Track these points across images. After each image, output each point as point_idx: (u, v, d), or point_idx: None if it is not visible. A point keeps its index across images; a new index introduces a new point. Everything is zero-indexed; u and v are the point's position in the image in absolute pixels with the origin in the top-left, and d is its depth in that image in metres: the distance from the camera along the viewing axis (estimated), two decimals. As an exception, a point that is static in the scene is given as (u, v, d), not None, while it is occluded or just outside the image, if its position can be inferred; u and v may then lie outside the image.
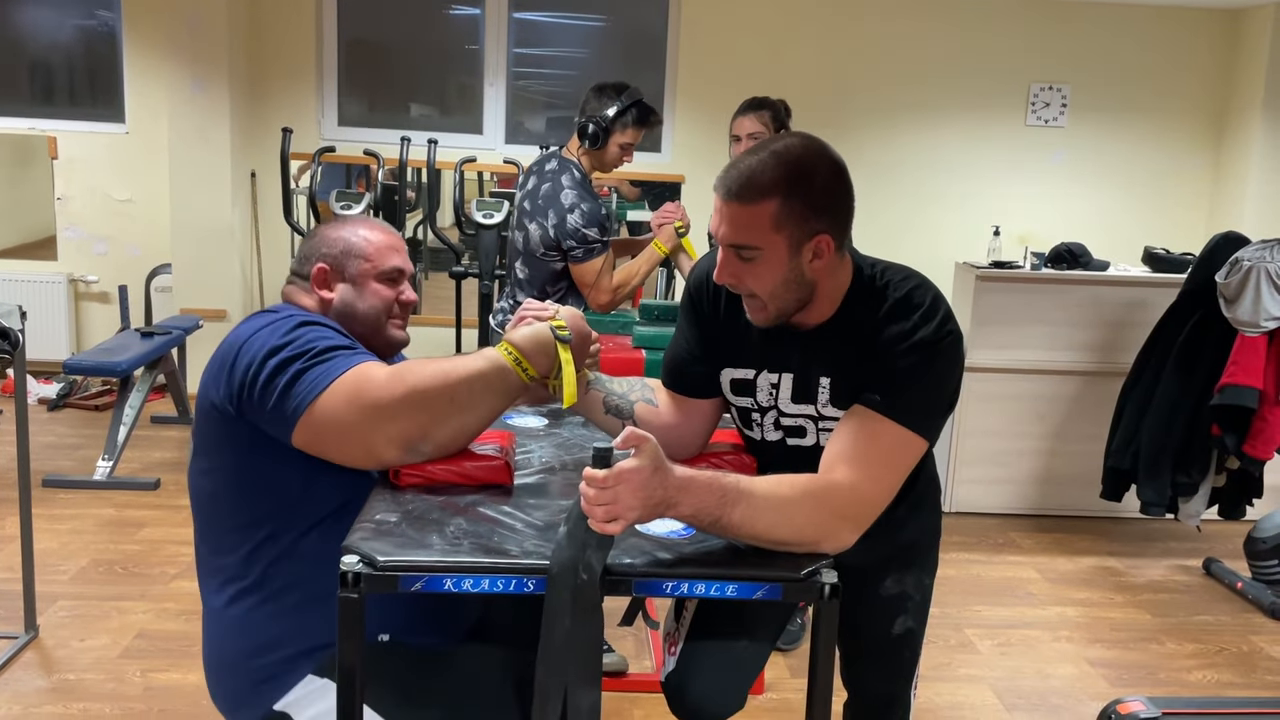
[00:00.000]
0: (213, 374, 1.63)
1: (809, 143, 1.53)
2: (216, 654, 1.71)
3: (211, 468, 1.66)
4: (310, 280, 1.79)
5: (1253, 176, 5.85)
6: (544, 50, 6.15)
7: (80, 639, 3.06)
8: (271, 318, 1.66)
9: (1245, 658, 3.32)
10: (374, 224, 1.86)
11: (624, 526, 1.31)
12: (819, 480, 1.49)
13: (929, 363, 1.53)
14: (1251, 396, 3.48)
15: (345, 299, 1.78)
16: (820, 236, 1.50)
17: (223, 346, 1.65)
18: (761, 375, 1.66)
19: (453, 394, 1.56)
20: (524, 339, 1.65)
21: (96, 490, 4.28)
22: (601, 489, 1.30)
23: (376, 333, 1.80)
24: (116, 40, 5.79)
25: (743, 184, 1.49)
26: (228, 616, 1.66)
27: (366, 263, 1.79)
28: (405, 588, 1.32)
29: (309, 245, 1.83)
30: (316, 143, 5.73)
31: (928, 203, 5.94)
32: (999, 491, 4.50)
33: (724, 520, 1.38)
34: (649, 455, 1.32)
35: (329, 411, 1.51)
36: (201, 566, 1.72)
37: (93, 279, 5.90)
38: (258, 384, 1.55)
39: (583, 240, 2.92)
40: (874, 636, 1.80)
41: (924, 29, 5.91)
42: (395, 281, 1.82)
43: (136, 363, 4.52)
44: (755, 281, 1.53)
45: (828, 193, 1.51)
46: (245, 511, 1.63)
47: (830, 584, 1.35)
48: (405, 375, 1.55)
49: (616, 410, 1.73)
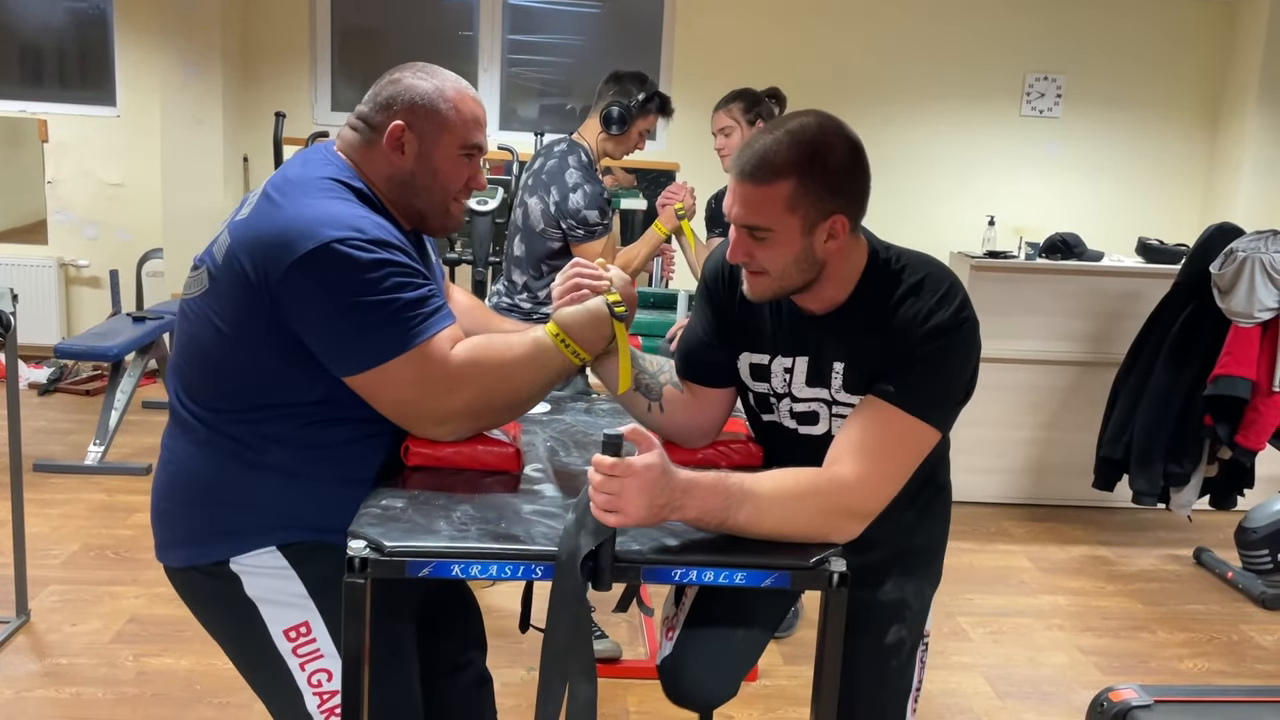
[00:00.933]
0: (257, 238, 1.46)
1: (824, 121, 1.50)
2: (182, 486, 1.59)
3: (219, 317, 1.52)
4: (384, 136, 1.58)
5: (1247, 167, 5.87)
6: (538, 37, 6.12)
7: (72, 624, 3.05)
8: (346, 214, 1.47)
9: (1235, 647, 3.34)
10: (465, 86, 1.64)
11: (624, 523, 1.30)
12: (823, 475, 1.48)
13: (944, 350, 1.51)
14: (1245, 387, 3.50)
15: (416, 170, 1.60)
16: (835, 217, 1.48)
17: (284, 213, 1.47)
18: (776, 360, 1.65)
19: (516, 391, 1.55)
20: (576, 319, 1.58)
21: (88, 475, 4.26)
22: (608, 476, 1.29)
23: (437, 212, 1.65)
24: (107, 23, 5.75)
25: (757, 164, 1.46)
26: (205, 458, 1.56)
27: (451, 133, 1.60)
28: (412, 573, 1.31)
29: (389, 91, 1.60)
30: (310, 127, 5.70)
31: (923, 192, 5.94)
32: (992, 480, 4.51)
33: (730, 522, 1.37)
34: (658, 456, 1.32)
35: (391, 380, 1.47)
36: (184, 395, 1.59)
37: (83, 263, 5.86)
38: (315, 315, 1.44)
39: (583, 222, 2.93)
40: (864, 641, 1.73)
41: (920, 18, 5.90)
42: (472, 158, 1.64)
43: (128, 347, 4.50)
44: (768, 261, 1.51)
45: (843, 173, 1.48)
46: (241, 376, 1.53)
47: (839, 573, 1.35)
48: (473, 371, 1.50)
49: (646, 389, 1.70)
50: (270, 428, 1.53)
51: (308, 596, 1.55)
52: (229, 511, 1.56)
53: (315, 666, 1.57)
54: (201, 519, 1.58)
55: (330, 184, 1.53)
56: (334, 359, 1.47)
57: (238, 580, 1.56)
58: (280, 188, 1.53)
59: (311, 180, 1.53)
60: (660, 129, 5.96)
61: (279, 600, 1.56)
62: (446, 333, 1.51)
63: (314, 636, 1.56)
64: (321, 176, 1.54)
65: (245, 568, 1.55)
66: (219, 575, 1.56)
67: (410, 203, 1.62)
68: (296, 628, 1.56)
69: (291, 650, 1.56)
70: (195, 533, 1.58)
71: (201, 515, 1.58)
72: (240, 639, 1.63)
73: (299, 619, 1.56)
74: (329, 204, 1.49)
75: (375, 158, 1.60)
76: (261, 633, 1.57)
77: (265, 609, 1.56)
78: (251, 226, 1.50)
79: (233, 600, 1.57)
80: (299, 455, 1.54)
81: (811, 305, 1.60)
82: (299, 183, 1.53)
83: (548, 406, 1.97)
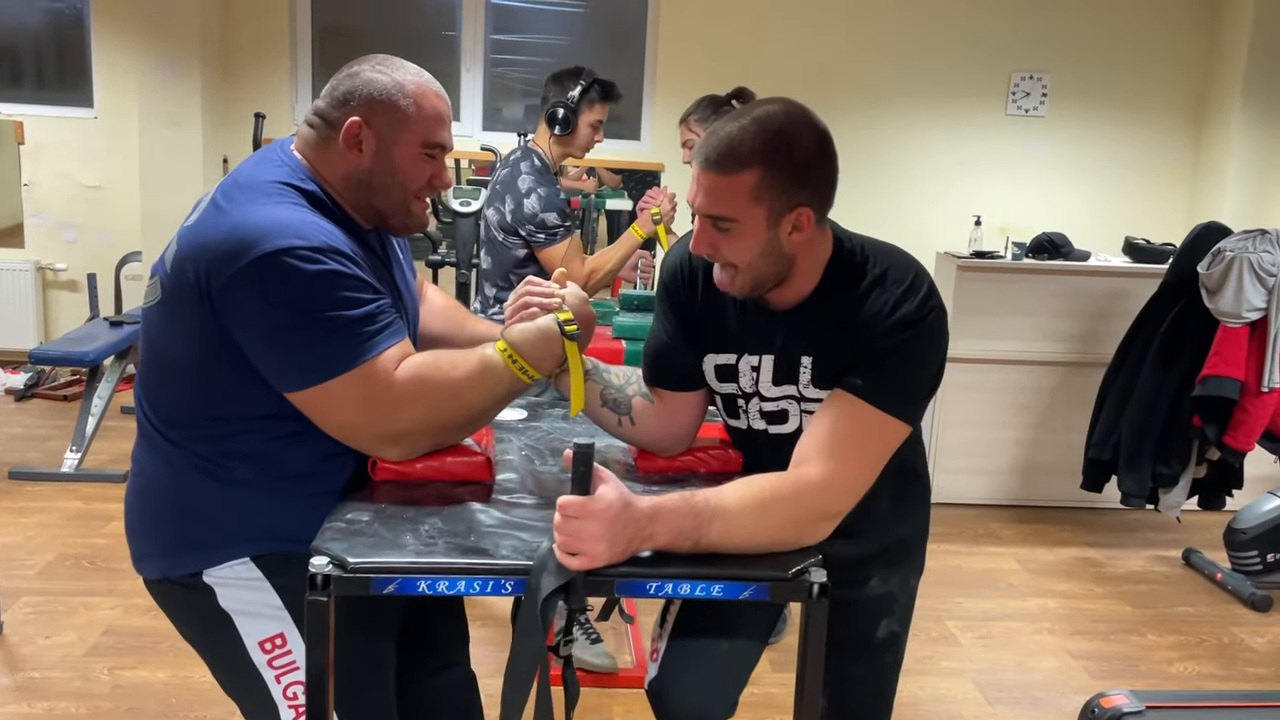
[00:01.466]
0: (201, 246, 1.40)
1: (792, 109, 1.45)
2: (152, 500, 1.55)
3: (171, 327, 1.48)
4: (340, 132, 1.51)
5: (1231, 166, 5.86)
6: (522, 37, 6.07)
7: (46, 636, 2.99)
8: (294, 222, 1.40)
9: (1226, 649, 3.31)
10: (427, 80, 1.56)
11: (586, 565, 1.26)
12: (789, 478, 1.44)
13: (910, 342, 1.47)
14: (1233, 387, 3.47)
15: (374, 169, 1.53)
16: (801, 209, 1.44)
17: (229, 220, 1.41)
18: (743, 359, 1.60)
19: (466, 409, 1.50)
20: (526, 338, 1.54)
21: (64, 482, 4.19)
22: (565, 519, 1.26)
23: (397, 211, 1.57)
24: (84, 23, 5.67)
25: (721, 152, 1.42)
26: (172, 472, 1.52)
27: (411, 130, 1.52)
28: (377, 590, 1.27)
29: (346, 85, 1.52)
30: (290, 128, 5.63)
31: (908, 193, 5.91)
32: (979, 482, 4.48)
33: (703, 541, 1.33)
34: (616, 490, 1.27)
35: (333, 399, 1.42)
36: (148, 407, 1.54)
37: (61, 267, 5.79)
38: (256, 328, 1.39)
39: (541, 225, 2.93)
40: (856, 639, 1.72)
41: (904, 17, 5.87)
42: (434, 157, 1.57)
43: (106, 352, 4.43)
44: (732, 253, 1.47)
45: (810, 163, 1.44)
46: (195, 388, 1.48)
47: (819, 583, 1.31)
48: (419, 390, 1.44)
49: (614, 404, 1.65)
50: (233, 444, 1.49)
51: (283, 608, 1.52)
52: (199, 524, 1.52)
53: (291, 679, 1.53)
54: (172, 532, 1.54)
55: (279, 188, 1.47)
56: (275, 374, 1.43)
57: (211, 592, 1.52)
58: (228, 193, 1.47)
59: (259, 184, 1.47)
60: (644, 128, 5.92)
61: (253, 612, 1.52)
62: (393, 350, 1.45)
63: (289, 648, 1.53)
64: (270, 180, 1.48)
65: (219, 579, 1.52)
66: (193, 587, 1.53)
67: (369, 202, 1.56)
68: (272, 639, 1.53)
69: (267, 662, 1.53)
70: (167, 545, 1.55)
71: (172, 528, 1.54)
72: (216, 651, 1.59)
73: (274, 630, 1.52)
74: (275, 210, 1.43)
75: (332, 156, 1.53)
76: (237, 644, 1.53)
77: (240, 621, 1.53)
78: (197, 234, 1.44)
79: (207, 612, 1.53)
80: (266, 472, 1.50)
81: (777, 300, 1.55)
82: (246, 187, 1.47)
83: (524, 414, 1.92)
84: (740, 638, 1.76)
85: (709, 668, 1.75)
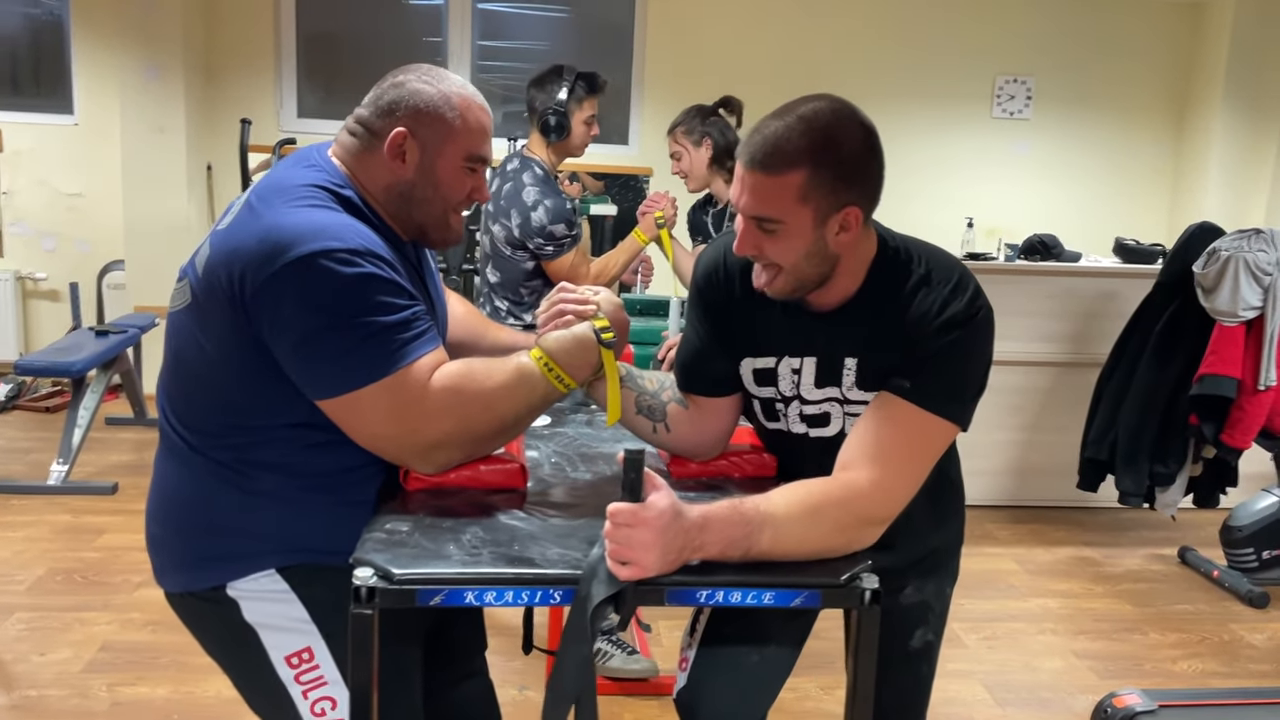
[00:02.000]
0: (235, 250, 1.38)
1: (838, 106, 1.41)
2: (174, 511, 1.52)
3: (200, 332, 1.44)
4: (384, 142, 1.49)
5: (1214, 166, 5.93)
6: (507, 43, 6.04)
7: (41, 653, 2.92)
8: (330, 224, 1.38)
9: (1227, 646, 3.33)
10: (472, 93, 1.54)
11: (637, 575, 1.23)
12: (837, 483, 1.41)
13: (959, 342, 1.44)
14: (1230, 386, 3.50)
15: (417, 180, 1.50)
16: (849, 209, 1.41)
17: (263, 223, 1.38)
18: (783, 362, 1.57)
19: (500, 420, 1.47)
20: (562, 346, 1.51)
21: (51, 496, 4.11)
22: (616, 526, 1.23)
23: (437, 225, 1.55)
24: (64, 29, 5.59)
25: (768, 152, 1.38)
26: (195, 482, 1.48)
27: (455, 143, 1.50)
28: (423, 602, 1.23)
29: (393, 95, 1.50)
30: (275, 134, 5.58)
31: (897, 194, 5.86)
32: (975, 483, 4.43)
33: (754, 550, 1.30)
34: (668, 499, 1.25)
35: (364, 409, 1.39)
36: (171, 414, 1.51)
37: (41, 276, 5.70)
38: (289, 333, 1.35)
39: (550, 238, 2.85)
40: (891, 649, 1.64)
41: (890, 22, 5.90)
42: (475, 171, 1.54)
43: (91, 363, 4.36)
44: (777, 254, 1.43)
45: (858, 162, 1.40)
46: (223, 395, 1.45)
47: (871, 589, 1.29)
48: (452, 401, 1.41)
49: (649, 411, 1.62)
50: (259, 453, 1.45)
51: (310, 621, 1.48)
52: (223, 536, 1.48)
53: (318, 694, 1.49)
54: (195, 545, 1.50)
55: (314, 191, 1.44)
56: (306, 381, 1.39)
57: (236, 605, 1.48)
58: (263, 195, 1.44)
59: (294, 187, 1.44)
60: (632, 132, 5.91)
61: (280, 625, 1.48)
62: (428, 359, 1.41)
63: (317, 663, 1.48)
64: (305, 184, 1.45)
65: (243, 592, 1.48)
66: (217, 600, 1.49)
67: (409, 214, 1.53)
68: (299, 654, 1.48)
69: (294, 677, 1.49)
70: (189, 558, 1.51)
71: (194, 541, 1.50)
72: (241, 665, 1.55)
73: (301, 645, 1.48)
74: (311, 213, 1.40)
75: (374, 165, 1.51)
76: (262, 659, 1.49)
77: (265, 635, 1.49)
78: (231, 237, 1.41)
79: (232, 626, 1.49)
80: (292, 482, 1.46)
81: (819, 301, 1.51)
82: (281, 190, 1.44)
83: (548, 419, 1.90)
84: (772, 646, 1.73)
85: (739, 678, 1.71)
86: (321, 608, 1.47)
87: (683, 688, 1.73)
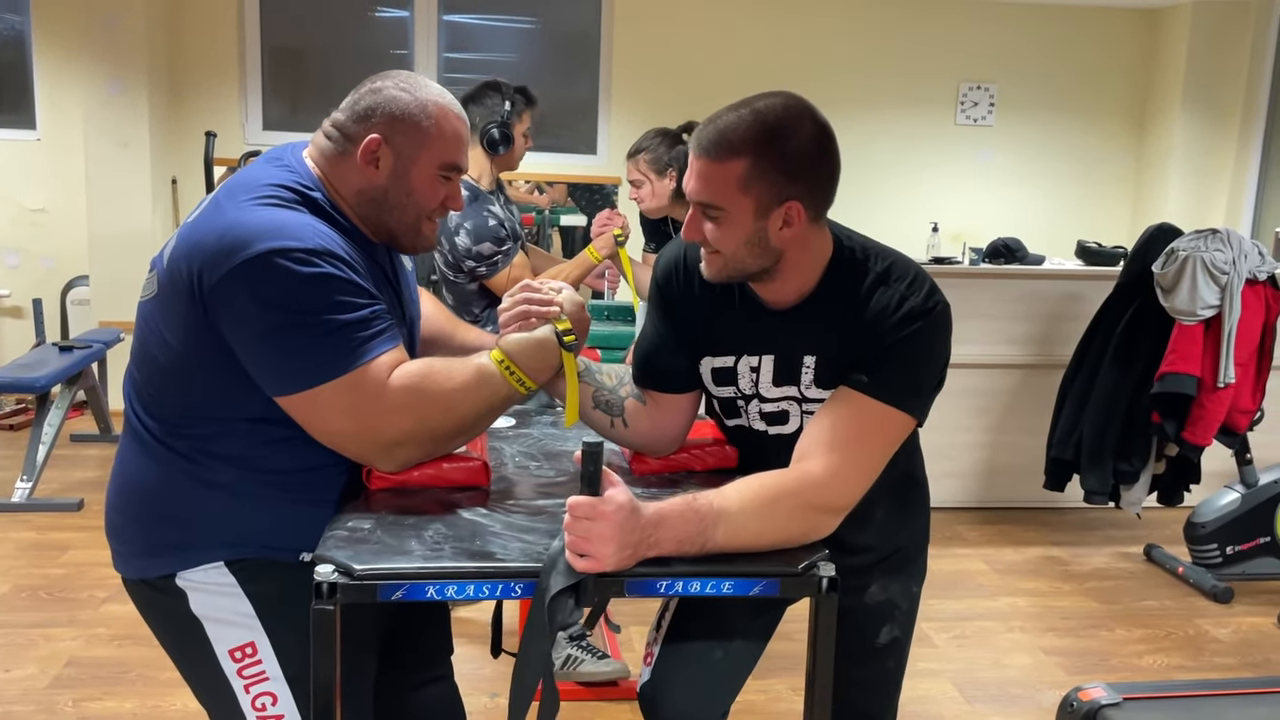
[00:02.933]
0: (197, 244, 1.39)
1: (792, 103, 1.44)
2: (131, 498, 1.53)
3: (163, 322, 1.45)
4: (358, 147, 1.49)
5: (1174, 169, 6.02)
6: (474, 55, 6.05)
7: (5, 669, 2.89)
8: (289, 223, 1.39)
9: (1192, 641, 3.37)
10: (449, 101, 1.54)
11: (594, 567, 1.25)
12: (792, 474, 1.43)
13: (917, 335, 1.46)
14: (1190, 384, 3.55)
15: (389, 187, 1.51)
16: (791, 204, 1.43)
17: (224, 219, 1.39)
18: (742, 360, 1.58)
19: (460, 419, 1.48)
20: (523, 348, 1.52)
21: (15, 513, 4.06)
22: (575, 519, 1.25)
23: (409, 231, 1.55)
24: (25, 43, 5.55)
25: (714, 140, 1.41)
26: (153, 470, 1.49)
27: (430, 151, 1.51)
28: (385, 597, 1.24)
29: (369, 100, 1.50)
30: (241, 147, 5.56)
31: (862, 200, 5.94)
32: (944, 485, 4.52)
33: (709, 545, 1.32)
34: (625, 493, 1.27)
35: (322, 406, 1.40)
36: (135, 401, 1.52)
37: (4, 293, 5.64)
38: (247, 328, 1.37)
39: (480, 258, 2.82)
40: (857, 646, 1.70)
41: (854, 29, 5.96)
42: (450, 179, 1.56)
43: (55, 379, 4.31)
44: (719, 241, 1.46)
45: (804, 157, 1.42)
46: (184, 385, 1.46)
47: (829, 577, 1.31)
48: (412, 400, 1.42)
49: (606, 406, 1.63)
50: (218, 445, 1.46)
51: (254, 616, 1.48)
52: (175, 527, 1.49)
53: (260, 689, 1.50)
54: (149, 532, 1.51)
55: (279, 190, 1.45)
56: (265, 377, 1.40)
57: (184, 596, 1.49)
58: (231, 191, 1.45)
59: (260, 186, 1.45)
60: (600, 141, 5.92)
61: (224, 619, 1.49)
62: (387, 357, 1.42)
63: (259, 658, 1.49)
64: (272, 183, 1.46)
65: (191, 583, 1.49)
66: (166, 590, 1.50)
67: (381, 220, 1.53)
68: (242, 648, 1.49)
69: (236, 671, 1.50)
70: (143, 545, 1.52)
71: (149, 529, 1.51)
72: (186, 656, 1.56)
73: (245, 639, 1.49)
74: (272, 212, 1.41)
75: (347, 170, 1.51)
76: (207, 651, 1.50)
77: (211, 627, 1.50)
78: (194, 231, 1.43)
79: (179, 616, 1.50)
80: (250, 476, 1.47)
81: (775, 298, 1.53)
82: (247, 188, 1.45)
83: (512, 420, 1.90)
84: (737, 642, 1.74)
85: (702, 673, 1.72)
86: (266, 602, 1.48)
87: (646, 682, 1.75)
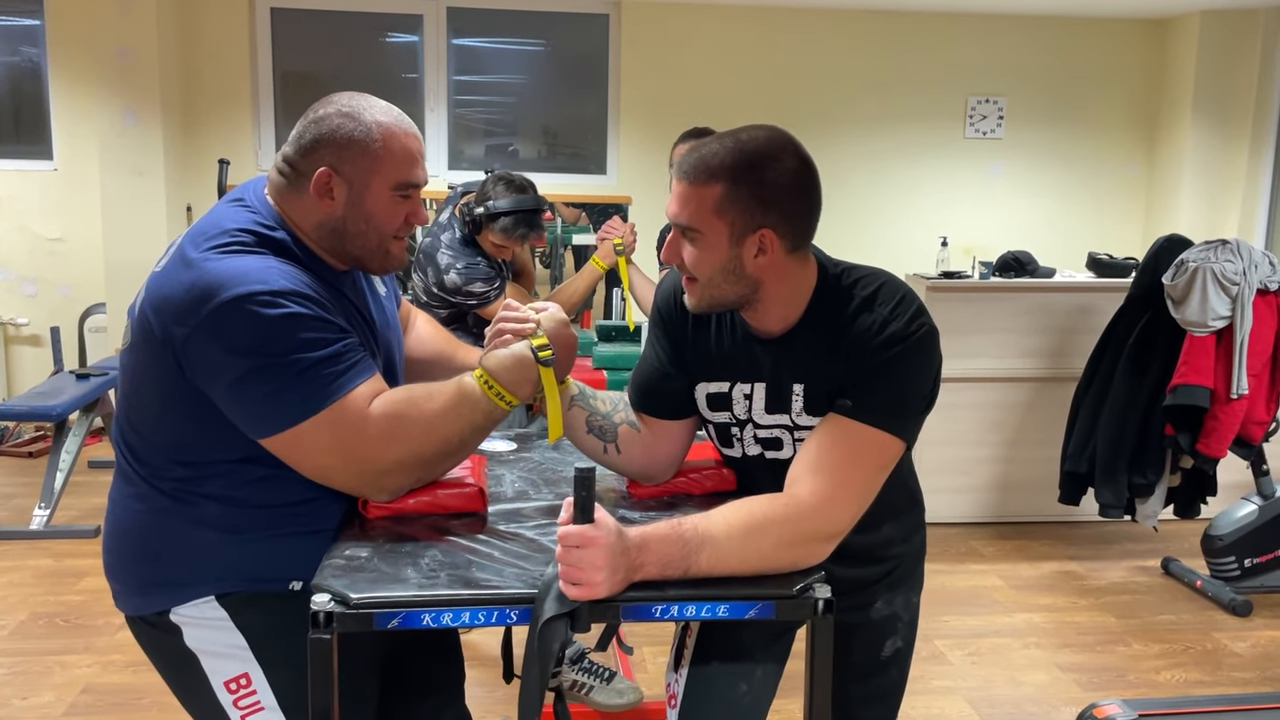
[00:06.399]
0: (164, 298, 1.41)
1: (776, 136, 1.46)
2: (123, 537, 1.55)
3: (138, 371, 1.47)
4: (310, 181, 1.48)
5: (1185, 180, 5.99)
6: (483, 77, 6.10)
7: (23, 697, 2.91)
8: (252, 269, 1.39)
9: (1210, 655, 3.34)
10: (396, 119, 1.52)
11: (586, 595, 1.25)
12: (780, 500, 1.42)
13: (900, 357, 1.47)
14: (1203, 395, 3.52)
15: (347, 215, 1.50)
16: (765, 231, 1.44)
17: (190, 273, 1.39)
18: (735, 387, 1.59)
19: (445, 441, 1.49)
20: (501, 364, 1.53)
21: (34, 540, 4.10)
22: (566, 549, 1.26)
23: (374, 254, 1.54)
24: (42, 75, 5.63)
25: (694, 164, 1.44)
26: (142, 510, 1.51)
27: (382, 174, 1.49)
28: (381, 625, 1.25)
29: (313, 131, 1.48)
30: (254, 173, 5.61)
31: (874, 214, 5.98)
32: (958, 500, 4.50)
33: (693, 569, 1.32)
34: (609, 518, 1.27)
35: (306, 443, 1.41)
36: (123, 444, 1.54)
37: (23, 321, 5.71)
38: (222, 377, 1.38)
39: (471, 295, 2.96)
40: (863, 660, 1.72)
41: (863, 46, 5.98)
42: (409, 197, 1.53)
43: (72, 406, 4.36)
44: (694, 264, 1.47)
45: (780, 188, 1.43)
46: (165, 431, 1.48)
47: (824, 599, 1.31)
48: (395, 427, 1.43)
49: (600, 431, 1.64)
50: (203, 486, 1.49)
51: (247, 648, 1.51)
52: (166, 564, 1.52)
53: (257, 719, 1.52)
54: (142, 571, 1.54)
55: (240, 235, 1.46)
56: (245, 422, 1.42)
57: (179, 631, 1.52)
58: (194, 240, 1.46)
59: (220, 234, 1.46)
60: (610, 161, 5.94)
61: (218, 651, 1.52)
62: (363, 388, 1.43)
63: (254, 688, 1.52)
64: (233, 228, 1.47)
65: (185, 618, 1.52)
66: (162, 626, 1.53)
67: (344, 248, 1.54)
68: (236, 679, 1.52)
69: (233, 703, 1.53)
70: (137, 584, 1.55)
71: (141, 567, 1.54)
72: (185, 688, 1.59)
73: (238, 670, 1.52)
74: (234, 260, 1.42)
75: (303, 205, 1.50)
76: (204, 684, 1.53)
77: (206, 660, 1.53)
78: (160, 284, 1.45)
79: (176, 651, 1.54)
80: (235, 512, 1.49)
81: (763, 327, 1.55)
82: (209, 236, 1.46)
83: (513, 445, 1.91)
84: (758, 673, 1.72)
85: (731, 712, 1.70)
86: (257, 634, 1.51)
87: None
